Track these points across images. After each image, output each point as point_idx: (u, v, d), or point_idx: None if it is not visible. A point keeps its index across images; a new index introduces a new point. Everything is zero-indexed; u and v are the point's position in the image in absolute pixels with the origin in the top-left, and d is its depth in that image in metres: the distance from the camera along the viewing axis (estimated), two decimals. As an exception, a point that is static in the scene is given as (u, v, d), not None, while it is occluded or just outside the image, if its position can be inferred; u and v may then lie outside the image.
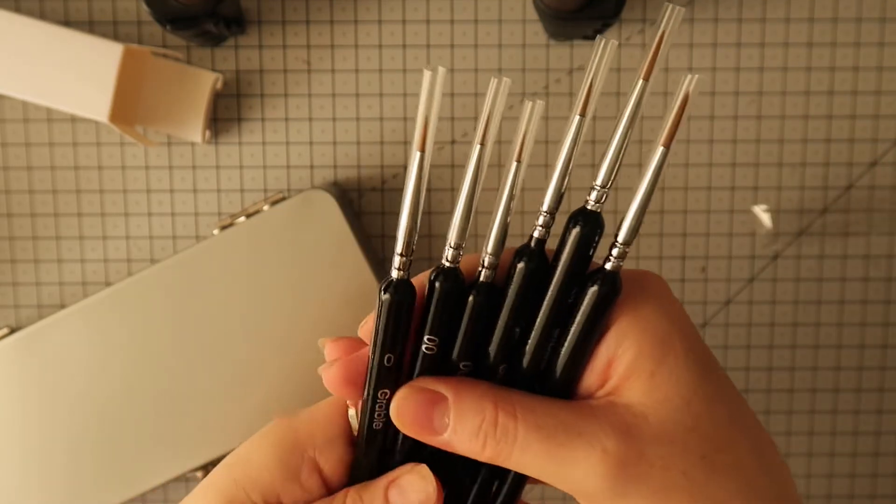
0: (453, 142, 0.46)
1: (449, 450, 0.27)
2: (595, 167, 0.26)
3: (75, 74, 0.42)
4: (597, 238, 0.26)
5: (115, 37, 0.46)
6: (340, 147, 0.47)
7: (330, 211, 0.43)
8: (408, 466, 0.29)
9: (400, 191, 0.47)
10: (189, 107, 0.45)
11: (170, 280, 0.43)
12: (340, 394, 0.29)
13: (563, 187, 0.27)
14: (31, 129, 0.46)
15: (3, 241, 0.47)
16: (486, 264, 0.27)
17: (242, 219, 0.44)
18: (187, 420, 0.44)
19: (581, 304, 0.26)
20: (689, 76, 0.23)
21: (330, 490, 0.31)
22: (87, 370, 0.43)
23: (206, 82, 0.45)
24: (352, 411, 0.30)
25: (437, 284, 0.26)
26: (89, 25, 0.46)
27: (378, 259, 0.47)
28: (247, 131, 0.47)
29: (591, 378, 0.26)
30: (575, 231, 0.26)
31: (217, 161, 0.47)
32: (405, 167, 0.47)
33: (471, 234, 0.27)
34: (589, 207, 0.26)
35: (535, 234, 0.27)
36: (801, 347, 0.48)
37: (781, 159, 0.47)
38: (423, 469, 0.29)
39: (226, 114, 0.46)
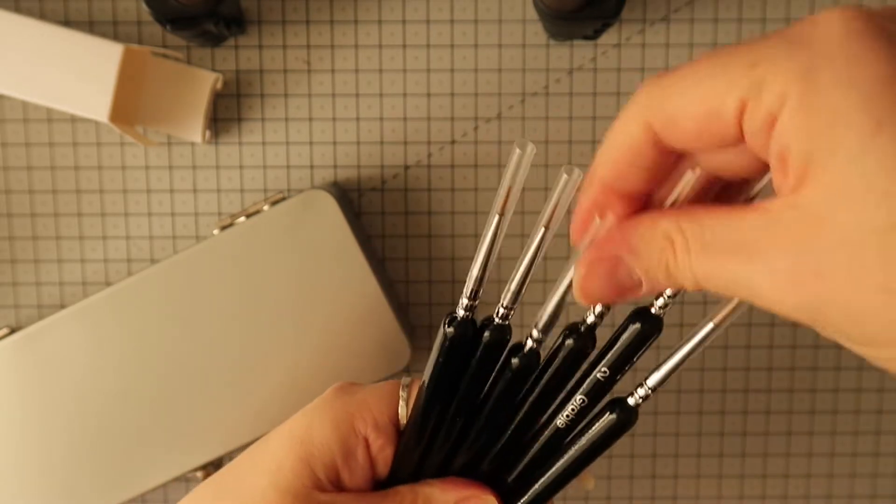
0: (453, 142, 0.46)
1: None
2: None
3: (75, 74, 0.42)
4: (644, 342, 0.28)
5: (115, 37, 0.46)
6: (340, 147, 0.47)
7: (330, 211, 0.43)
8: (475, 490, 0.31)
9: (400, 191, 0.47)
10: (189, 107, 0.45)
11: (170, 280, 0.43)
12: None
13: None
14: (31, 129, 0.46)
15: (3, 241, 0.47)
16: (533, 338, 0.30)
17: (242, 219, 0.44)
18: (187, 420, 0.44)
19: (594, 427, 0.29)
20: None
21: (378, 475, 0.32)
22: (86, 370, 0.43)
23: (206, 82, 0.45)
24: (402, 408, 0.32)
25: (448, 329, 0.29)
26: (89, 25, 0.46)
27: (378, 259, 0.47)
28: (247, 131, 0.47)
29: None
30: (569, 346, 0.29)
31: (217, 161, 0.47)
32: (405, 167, 0.47)
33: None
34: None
35: (588, 320, 0.29)
36: (801, 347, 0.48)
37: (781, 159, 0.47)
38: (492, 500, 0.31)
39: (226, 114, 0.46)
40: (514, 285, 0.28)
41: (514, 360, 0.29)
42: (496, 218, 0.26)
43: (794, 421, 0.48)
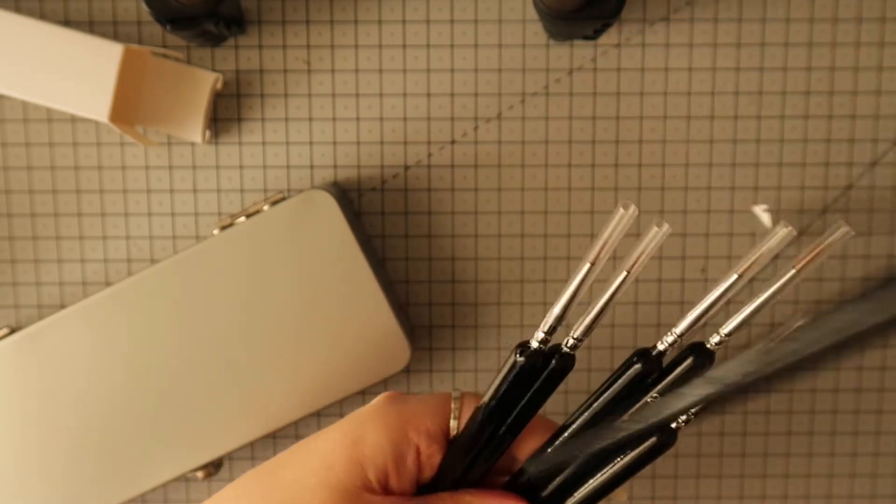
0: (453, 142, 0.46)
1: None
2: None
3: (75, 74, 0.42)
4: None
5: (115, 37, 0.46)
6: (340, 147, 0.47)
7: (330, 211, 0.43)
8: (511, 501, 0.33)
9: (400, 191, 0.47)
10: (189, 107, 0.45)
11: (170, 280, 0.43)
12: None
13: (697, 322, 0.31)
14: (31, 129, 0.46)
15: (3, 241, 0.47)
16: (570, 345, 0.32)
17: (242, 219, 0.44)
18: (186, 420, 0.44)
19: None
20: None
21: (420, 481, 0.33)
22: (86, 370, 0.43)
23: (206, 82, 0.45)
24: (454, 420, 0.33)
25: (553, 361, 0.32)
26: (89, 25, 0.46)
27: (378, 259, 0.47)
28: (247, 131, 0.47)
29: None
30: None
31: (217, 161, 0.47)
32: (405, 167, 0.47)
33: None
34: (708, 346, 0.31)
35: (660, 347, 0.31)
36: (801, 347, 0.48)
37: (781, 159, 0.47)
38: None
39: (226, 114, 0.46)
40: (588, 318, 0.30)
41: (520, 359, 0.31)
42: (587, 266, 0.29)
43: (794, 421, 0.48)
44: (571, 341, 0.31)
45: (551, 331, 0.31)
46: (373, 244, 0.47)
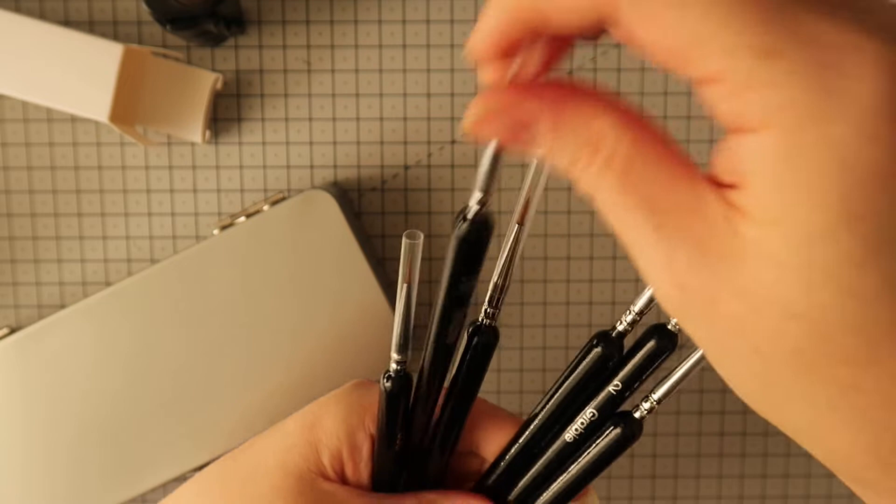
0: (453, 142, 0.46)
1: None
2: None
3: (75, 74, 0.42)
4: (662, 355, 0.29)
5: (115, 37, 0.46)
6: (340, 147, 0.47)
7: (330, 211, 0.43)
8: (477, 502, 0.32)
9: (400, 191, 0.47)
10: (189, 107, 0.45)
11: (170, 280, 0.43)
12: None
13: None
14: (31, 129, 0.46)
15: (3, 241, 0.47)
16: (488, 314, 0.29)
17: (242, 219, 0.44)
18: (187, 420, 0.44)
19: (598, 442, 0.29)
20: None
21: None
22: (87, 370, 0.43)
23: (206, 82, 0.45)
24: None
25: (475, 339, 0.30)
26: (89, 25, 0.46)
27: (378, 259, 0.47)
28: (247, 131, 0.47)
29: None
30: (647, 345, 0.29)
31: (217, 161, 0.47)
32: (405, 167, 0.47)
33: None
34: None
35: (619, 328, 0.29)
36: (801, 347, 0.48)
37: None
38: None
39: (226, 114, 0.46)
40: (494, 284, 0.28)
41: (476, 339, 0.29)
42: (515, 227, 0.27)
43: (794, 421, 0.48)
44: (490, 310, 0.29)
45: (496, 302, 0.28)
46: (373, 244, 0.47)
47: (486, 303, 0.29)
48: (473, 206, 0.23)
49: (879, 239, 0.14)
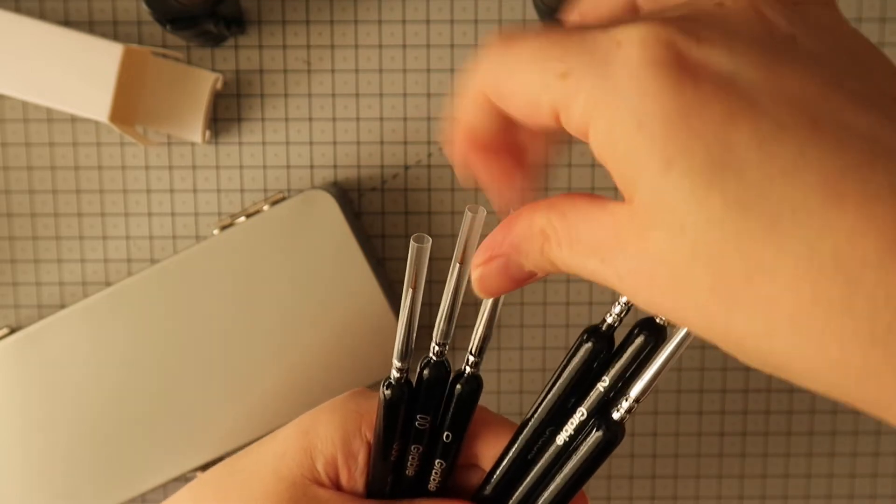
0: (453, 142, 0.46)
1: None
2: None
3: (75, 74, 0.42)
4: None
5: (115, 37, 0.46)
6: (340, 147, 0.47)
7: (330, 211, 0.43)
8: None
9: (400, 191, 0.47)
10: (189, 107, 0.45)
11: (170, 280, 0.43)
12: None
13: None
14: (31, 129, 0.46)
15: (3, 241, 0.47)
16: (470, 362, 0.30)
17: (242, 219, 0.44)
18: (187, 420, 0.44)
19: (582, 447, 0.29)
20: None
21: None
22: (87, 370, 0.43)
23: (206, 82, 0.45)
24: None
25: (425, 373, 0.30)
26: (89, 25, 0.46)
27: (378, 259, 0.47)
28: (247, 131, 0.47)
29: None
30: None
31: (217, 161, 0.47)
32: (405, 167, 0.47)
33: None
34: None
35: (608, 320, 0.29)
36: (801, 347, 0.48)
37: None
38: None
39: (226, 114, 0.46)
40: (442, 322, 0.29)
41: (458, 387, 0.30)
42: (457, 266, 0.28)
43: (794, 421, 0.48)
44: (437, 348, 0.30)
45: (479, 352, 0.30)
46: (373, 244, 0.47)
47: (468, 352, 0.30)
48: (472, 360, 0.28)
49: (704, 167, 0.18)
